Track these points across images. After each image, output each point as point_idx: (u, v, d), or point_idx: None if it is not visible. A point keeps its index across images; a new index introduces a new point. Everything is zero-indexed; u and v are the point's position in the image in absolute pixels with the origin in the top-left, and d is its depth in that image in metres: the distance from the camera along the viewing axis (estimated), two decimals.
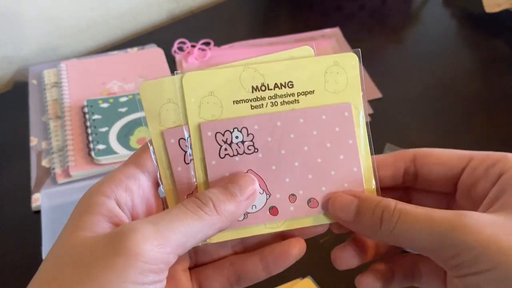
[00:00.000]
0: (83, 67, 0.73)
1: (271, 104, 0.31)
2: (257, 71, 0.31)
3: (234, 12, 0.87)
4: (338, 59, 0.31)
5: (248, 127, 0.31)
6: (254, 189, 0.29)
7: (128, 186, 0.28)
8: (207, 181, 0.30)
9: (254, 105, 0.31)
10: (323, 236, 0.31)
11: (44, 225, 0.54)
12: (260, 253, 0.31)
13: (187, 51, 0.77)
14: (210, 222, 0.27)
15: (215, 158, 0.30)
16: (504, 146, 0.66)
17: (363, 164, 0.31)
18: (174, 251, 0.25)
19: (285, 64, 0.31)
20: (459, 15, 0.86)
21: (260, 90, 0.31)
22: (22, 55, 0.76)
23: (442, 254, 0.26)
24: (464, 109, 0.71)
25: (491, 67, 0.78)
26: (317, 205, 0.31)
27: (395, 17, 0.87)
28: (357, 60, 0.31)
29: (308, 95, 0.31)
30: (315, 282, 0.51)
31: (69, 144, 0.62)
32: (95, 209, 0.27)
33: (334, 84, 0.31)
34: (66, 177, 0.60)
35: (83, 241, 0.25)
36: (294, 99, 0.31)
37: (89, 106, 0.65)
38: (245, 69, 0.31)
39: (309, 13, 0.87)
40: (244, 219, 0.30)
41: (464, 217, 0.25)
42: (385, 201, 0.28)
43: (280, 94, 0.31)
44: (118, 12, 0.82)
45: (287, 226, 0.31)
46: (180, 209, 0.27)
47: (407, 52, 0.80)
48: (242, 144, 0.31)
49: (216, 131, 0.30)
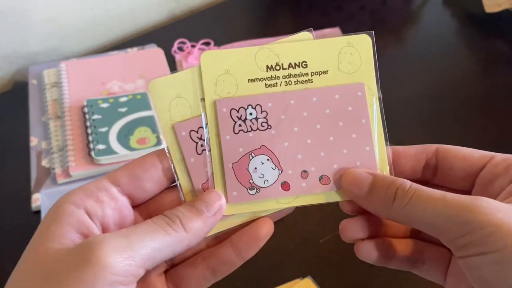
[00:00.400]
0: (83, 67, 0.73)
1: (285, 83, 0.32)
2: (272, 51, 0.32)
3: (234, 12, 0.87)
4: (352, 40, 0.32)
5: (262, 105, 0.31)
6: (220, 204, 0.30)
7: (99, 197, 0.28)
8: (221, 156, 0.31)
9: (269, 84, 0.32)
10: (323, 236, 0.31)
11: None
12: (230, 241, 0.31)
13: (187, 51, 0.77)
14: (178, 238, 0.27)
15: (229, 133, 0.31)
16: (504, 145, 0.66)
17: (376, 143, 0.32)
18: (142, 264, 0.26)
19: (299, 45, 0.32)
20: (459, 15, 0.86)
21: (274, 69, 0.32)
22: (22, 55, 0.76)
23: (451, 233, 0.26)
24: (464, 109, 0.71)
25: (491, 67, 0.78)
26: (329, 182, 0.31)
27: (395, 17, 0.87)
28: (370, 42, 0.32)
29: (322, 75, 0.32)
30: (315, 282, 0.51)
31: (69, 144, 0.62)
32: (63, 218, 0.27)
33: (348, 65, 0.32)
34: (66, 177, 0.60)
35: (51, 254, 0.25)
36: (308, 79, 0.32)
37: (89, 106, 0.65)
38: (260, 49, 0.32)
39: (309, 13, 0.87)
40: (256, 193, 0.31)
41: (479, 200, 0.26)
42: (400, 180, 0.29)
43: (294, 74, 0.32)
44: (118, 12, 0.82)
45: (299, 202, 0.31)
46: (150, 224, 0.27)
47: (407, 52, 0.80)
48: (256, 121, 0.31)
49: (231, 108, 0.31)
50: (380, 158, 0.32)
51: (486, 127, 0.68)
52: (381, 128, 0.32)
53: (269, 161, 0.31)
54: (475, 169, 0.30)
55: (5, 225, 0.57)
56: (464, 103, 0.72)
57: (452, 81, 0.75)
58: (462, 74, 0.76)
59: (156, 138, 0.62)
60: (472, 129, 0.68)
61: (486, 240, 0.25)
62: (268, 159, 0.31)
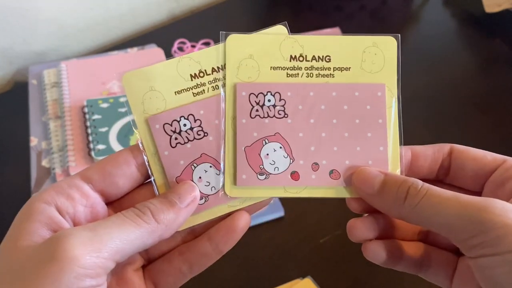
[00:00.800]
0: (83, 67, 0.73)
1: (306, 74, 0.32)
2: (297, 42, 0.32)
3: (234, 12, 0.87)
4: (377, 41, 0.32)
5: (281, 93, 0.32)
6: (194, 196, 0.30)
7: (70, 194, 0.28)
8: (235, 139, 0.31)
9: (290, 74, 0.32)
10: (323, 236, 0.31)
11: None
12: (207, 235, 0.31)
13: (187, 51, 0.77)
14: (149, 229, 0.27)
15: (245, 117, 0.31)
16: (504, 146, 0.66)
17: (390, 144, 0.32)
18: (111, 257, 0.25)
19: (325, 39, 0.32)
20: (459, 15, 0.86)
21: (297, 60, 0.32)
22: (22, 55, 0.76)
23: (463, 233, 0.26)
24: (464, 109, 0.71)
25: (491, 67, 0.78)
26: (338, 177, 0.31)
27: (395, 17, 0.87)
28: (395, 45, 0.33)
29: (344, 71, 0.32)
30: (315, 282, 0.51)
31: (69, 144, 0.62)
32: (34, 216, 0.27)
33: (371, 64, 0.32)
34: None
35: (21, 251, 0.25)
36: (330, 73, 0.32)
37: (89, 106, 0.65)
38: (286, 38, 0.32)
39: (309, 13, 0.87)
40: (265, 179, 0.31)
41: (492, 201, 0.26)
42: (412, 179, 0.29)
43: (317, 67, 0.32)
44: (118, 12, 0.82)
45: (307, 193, 0.31)
46: (119, 217, 0.27)
47: (407, 52, 0.80)
48: (274, 108, 0.31)
49: (250, 92, 0.31)
50: (392, 159, 0.32)
51: (486, 127, 0.68)
52: (397, 130, 0.33)
53: (282, 149, 0.31)
54: (486, 171, 0.30)
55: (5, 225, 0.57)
56: (464, 103, 0.72)
57: (452, 81, 0.75)
58: (462, 74, 0.76)
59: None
60: (472, 129, 0.68)
61: (499, 241, 0.24)
62: (281, 147, 0.31)
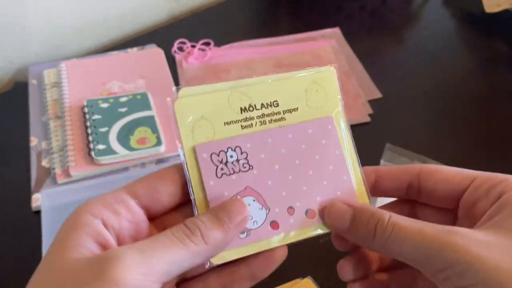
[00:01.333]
0: (83, 67, 0.73)
1: (260, 123, 0.33)
2: (244, 94, 0.33)
3: (234, 12, 0.87)
4: (316, 78, 0.34)
5: (241, 146, 0.32)
6: (244, 216, 0.29)
7: (116, 209, 0.28)
8: (207, 203, 0.31)
9: (244, 125, 0.32)
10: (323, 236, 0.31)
11: (44, 225, 0.54)
12: (245, 261, 0.31)
13: (187, 51, 0.77)
14: (197, 251, 0.27)
15: (212, 178, 0.31)
16: (504, 146, 0.66)
17: (352, 172, 0.33)
18: (158, 279, 0.25)
19: (269, 85, 0.33)
20: (459, 15, 0.86)
21: (248, 110, 0.33)
22: (22, 55, 0.76)
23: (431, 268, 0.27)
24: (464, 109, 0.71)
25: (491, 67, 0.78)
26: (314, 215, 0.32)
27: (395, 17, 0.87)
28: (334, 75, 0.34)
29: (293, 112, 0.33)
30: (315, 282, 0.51)
31: (69, 144, 0.62)
32: (81, 227, 0.27)
33: (315, 100, 0.34)
34: (66, 177, 0.60)
35: (68, 264, 0.25)
36: (281, 117, 0.33)
37: (89, 106, 0.65)
38: (232, 92, 0.32)
39: (309, 13, 0.87)
40: (246, 236, 0.31)
41: (454, 235, 0.26)
42: (379, 213, 0.29)
43: (267, 113, 0.33)
44: (118, 12, 0.82)
45: (289, 239, 0.31)
46: (167, 236, 0.27)
47: (407, 52, 0.80)
48: (237, 163, 0.32)
49: (211, 152, 0.31)
50: (357, 185, 0.33)
51: (486, 127, 0.68)
52: (353, 155, 0.34)
53: (256, 201, 0.31)
54: (458, 191, 0.31)
55: (5, 225, 0.57)
56: (464, 103, 0.72)
57: (452, 81, 0.75)
58: (462, 74, 0.76)
59: (156, 138, 0.62)
60: (472, 129, 0.68)
61: (463, 276, 0.25)
62: (254, 200, 0.31)
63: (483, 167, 0.66)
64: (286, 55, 0.78)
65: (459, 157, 0.64)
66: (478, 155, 0.65)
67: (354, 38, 0.80)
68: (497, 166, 0.63)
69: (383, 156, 0.62)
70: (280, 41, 0.80)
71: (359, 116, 0.68)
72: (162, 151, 0.61)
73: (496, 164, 0.64)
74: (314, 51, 0.78)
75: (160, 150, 0.61)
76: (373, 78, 0.74)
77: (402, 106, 0.71)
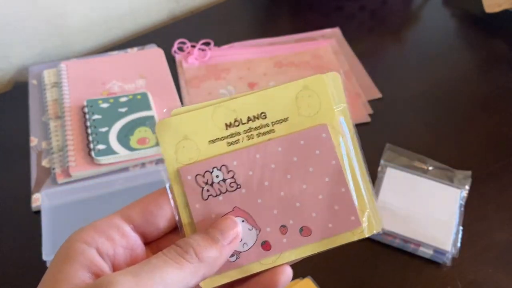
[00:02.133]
0: (83, 67, 0.73)
1: (247, 138, 0.31)
2: (228, 108, 0.31)
3: (234, 12, 0.87)
4: (307, 83, 0.31)
5: (227, 165, 0.30)
6: (236, 232, 0.29)
7: (110, 235, 0.28)
8: (194, 227, 0.30)
9: (231, 142, 0.31)
10: None
11: (44, 225, 0.54)
12: (247, 286, 0.30)
13: (187, 51, 0.77)
14: (192, 269, 0.26)
15: (198, 201, 0.30)
16: (504, 146, 0.66)
17: (351, 182, 0.31)
18: None
19: (254, 97, 0.31)
20: (459, 15, 0.86)
21: (234, 125, 0.31)
22: (22, 55, 0.76)
23: None
24: (464, 109, 0.71)
25: (491, 67, 0.78)
26: (310, 232, 0.30)
27: (395, 17, 0.87)
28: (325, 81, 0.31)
29: (283, 123, 0.31)
30: (315, 282, 0.51)
31: (69, 144, 0.62)
32: (75, 257, 0.26)
33: (308, 108, 0.31)
34: (66, 177, 0.60)
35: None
36: (270, 129, 0.31)
37: (89, 106, 0.65)
38: (215, 108, 0.31)
39: (309, 13, 0.87)
40: (236, 259, 0.30)
41: None
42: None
43: (255, 127, 0.31)
44: (118, 12, 0.82)
45: (283, 259, 0.30)
46: (160, 258, 0.26)
47: (407, 52, 0.80)
48: (224, 183, 0.30)
49: (196, 174, 0.30)
50: (358, 197, 0.31)
51: (486, 127, 0.68)
52: (353, 166, 0.31)
53: (245, 222, 0.30)
54: None
55: (5, 225, 0.57)
56: (464, 103, 0.72)
57: (452, 81, 0.75)
58: (462, 74, 0.76)
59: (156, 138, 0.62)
60: (472, 128, 0.68)
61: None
62: (243, 221, 0.30)
63: (483, 167, 0.66)
64: (286, 55, 0.78)
65: (459, 157, 0.64)
66: (478, 155, 0.65)
67: (354, 38, 0.80)
68: (497, 166, 0.64)
69: (383, 156, 0.62)
70: (280, 41, 0.80)
71: (359, 116, 0.68)
72: None
73: (496, 164, 0.64)
74: (314, 51, 0.78)
75: (160, 150, 0.61)
76: (373, 78, 0.74)
77: (402, 106, 0.71)
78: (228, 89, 0.72)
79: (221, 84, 0.73)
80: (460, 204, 0.57)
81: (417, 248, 0.54)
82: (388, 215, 0.56)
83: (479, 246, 0.56)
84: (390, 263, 0.54)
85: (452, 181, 0.59)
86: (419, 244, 0.54)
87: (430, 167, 0.61)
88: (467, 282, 0.53)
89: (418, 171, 0.60)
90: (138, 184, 0.59)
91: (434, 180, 0.59)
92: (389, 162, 0.61)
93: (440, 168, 0.61)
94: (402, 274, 0.54)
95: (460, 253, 0.54)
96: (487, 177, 0.62)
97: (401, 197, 0.57)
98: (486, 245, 0.56)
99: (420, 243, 0.54)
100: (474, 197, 0.59)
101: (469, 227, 0.57)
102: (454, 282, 0.53)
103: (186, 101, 0.70)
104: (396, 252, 0.55)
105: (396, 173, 0.60)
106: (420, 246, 0.54)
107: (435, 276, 0.53)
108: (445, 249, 0.53)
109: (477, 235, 0.57)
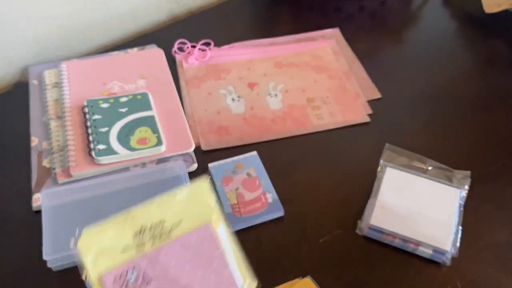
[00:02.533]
0: (84, 67, 0.73)
1: (151, 242, 0.39)
2: (135, 219, 0.39)
3: (234, 12, 0.87)
4: (191, 190, 0.41)
5: (138, 267, 0.38)
6: None
7: None
8: None
9: (139, 248, 0.39)
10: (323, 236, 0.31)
11: (44, 225, 0.54)
12: None
13: (187, 51, 0.78)
14: None
15: None
16: (504, 146, 0.66)
17: (235, 265, 0.40)
18: None
19: (155, 208, 0.40)
20: (459, 15, 0.87)
21: (141, 233, 0.39)
22: (22, 55, 0.76)
23: None
24: (463, 109, 0.71)
25: (491, 67, 0.78)
26: None
27: (395, 17, 0.87)
28: (207, 183, 0.41)
29: (179, 226, 0.40)
30: (315, 282, 0.51)
31: (70, 144, 0.62)
32: None
33: (194, 211, 0.40)
34: (67, 177, 0.60)
35: None
36: (168, 233, 0.39)
37: (90, 106, 0.65)
38: (125, 220, 0.39)
39: (309, 14, 0.87)
40: None
41: None
42: None
43: (157, 233, 0.39)
44: (118, 12, 0.82)
45: None
46: None
47: (407, 52, 0.80)
48: (136, 282, 0.37)
49: (113, 278, 0.37)
50: (242, 276, 0.40)
51: (485, 127, 0.68)
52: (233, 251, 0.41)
53: None
54: None
55: (5, 225, 0.57)
56: (464, 103, 0.72)
57: (452, 81, 0.75)
58: (462, 74, 0.76)
59: (157, 138, 0.62)
60: (471, 128, 0.68)
61: None
62: None
63: (483, 167, 0.66)
64: (286, 55, 0.78)
65: (459, 157, 0.64)
66: (478, 155, 0.65)
67: (354, 38, 0.81)
68: (496, 166, 0.64)
69: (382, 156, 0.62)
70: (280, 41, 0.80)
71: (359, 116, 0.68)
72: (163, 151, 0.62)
73: (495, 164, 0.64)
74: (314, 51, 0.78)
75: (160, 150, 0.61)
76: (373, 78, 0.74)
77: (402, 106, 0.71)
78: (228, 89, 0.73)
79: (221, 84, 0.73)
80: (460, 204, 0.57)
81: (417, 248, 0.54)
82: (388, 215, 0.56)
83: (478, 246, 0.56)
84: (389, 263, 0.54)
85: (451, 181, 0.60)
86: (418, 244, 0.54)
87: (430, 167, 0.61)
88: (466, 281, 0.53)
89: (418, 171, 0.60)
90: (138, 184, 0.59)
91: (433, 180, 0.59)
92: (389, 162, 0.61)
93: (439, 168, 0.61)
94: (401, 273, 0.54)
95: (459, 252, 0.55)
96: (486, 177, 0.62)
97: (401, 197, 0.57)
98: (486, 245, 0.56)
99: (419, 243, 0.54)
100: (473, 197, 0.59)
101: (469, 227, 0.57)
102: (454, 282, 0.53)
103: (186, 101, 0.71)
104: (396, 252, 0.55)
105: (395, 173, 0.60)
106: (419, 246, 0.54)
107: (434, 276, 0.53)
108: (445, 249, 0.54)
109: (477, 235, 0.57)
